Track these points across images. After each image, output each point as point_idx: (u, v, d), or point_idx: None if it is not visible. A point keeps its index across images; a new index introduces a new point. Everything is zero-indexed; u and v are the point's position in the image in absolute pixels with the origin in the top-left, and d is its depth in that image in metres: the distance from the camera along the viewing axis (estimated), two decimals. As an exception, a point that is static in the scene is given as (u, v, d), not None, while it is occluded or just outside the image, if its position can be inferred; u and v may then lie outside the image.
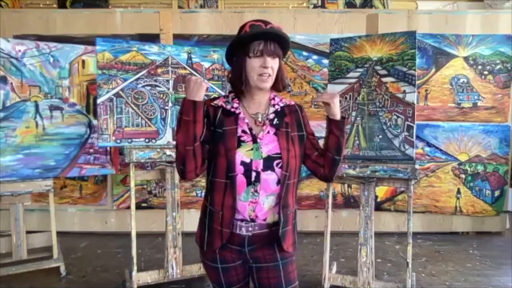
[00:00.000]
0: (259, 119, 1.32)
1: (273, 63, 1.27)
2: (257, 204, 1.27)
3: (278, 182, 1.28)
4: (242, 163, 1.26)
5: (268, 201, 1.28)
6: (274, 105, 1.35)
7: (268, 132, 1.30)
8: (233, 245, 1.31)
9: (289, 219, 1.32)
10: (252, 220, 1.28)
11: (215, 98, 1.38)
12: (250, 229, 1.28)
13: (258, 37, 1.25)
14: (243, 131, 1.29)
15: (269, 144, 1.29)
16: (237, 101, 1.34)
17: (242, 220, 1.28)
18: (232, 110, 1.32)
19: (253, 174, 1.26)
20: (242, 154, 1.26)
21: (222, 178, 1.27)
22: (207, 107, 1.33)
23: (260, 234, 1.29)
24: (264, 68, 1.25)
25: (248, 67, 1.27)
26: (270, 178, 1.27)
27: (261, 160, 1.26)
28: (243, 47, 1.27)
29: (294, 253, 1.39)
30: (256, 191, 1.27)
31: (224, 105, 1.33)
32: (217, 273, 1.36)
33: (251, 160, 1.26)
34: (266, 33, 1.26)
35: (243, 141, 1.28)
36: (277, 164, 1.27)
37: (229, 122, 1.30)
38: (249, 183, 1.26)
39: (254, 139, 1.29)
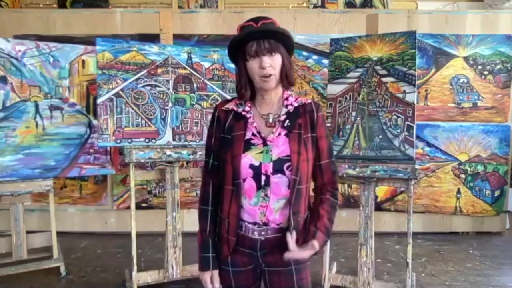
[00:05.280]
0: (270, 120, 1.27)
1: (272, 61, 1.20)
2: (267, 208, 1.24)
3: (289, 186, 1.23)
4: (251, 166, 1.22)
5: (279, 205, 1.23)
6: (287, 106, 1.28)
7: (279, 134, 1.25)
8: (244, 248, 1.28)
9: (299, 224, 1.26)
10: (265, 224, 1.25)
11: (227, 101, 1.33)
12: (263, 233, 1.25)
13: (249, 38, 1.19)
14: (253, 134, 1.26)
15: (280, 147, 1.24)
16: (249, 104, 1.29)
17: (254, 224, 1.25)
18: (243, 113, 1.28)
19: (263, 177, 1.22)
20: (251, 157, 1.22)
21: (229, 185, 1.25)
22: (218, 112, 1.30)
23: (272, 238, 1.26)
24: (262, 69, 1.19)
25: (249, 70, 1.23)
26: (280, 181, 1.22)
27: (271, 163, 1.22)
28: (241, 50, 1.22)
29: (310, 259, 1.31)
30: (266, 195, 1.23)
31: (235, 108, 1.29)
32: (227, 276, 1.33)
33: (260, 163, 1.22)
34: (256, 32, 1.20)
35: (254, 144, 1.24)
36: (287, 167, 1.22)
37: (238, 127, 1.27)
38: (259, 187, 1.22)
39: (265, 142, 1.24)
